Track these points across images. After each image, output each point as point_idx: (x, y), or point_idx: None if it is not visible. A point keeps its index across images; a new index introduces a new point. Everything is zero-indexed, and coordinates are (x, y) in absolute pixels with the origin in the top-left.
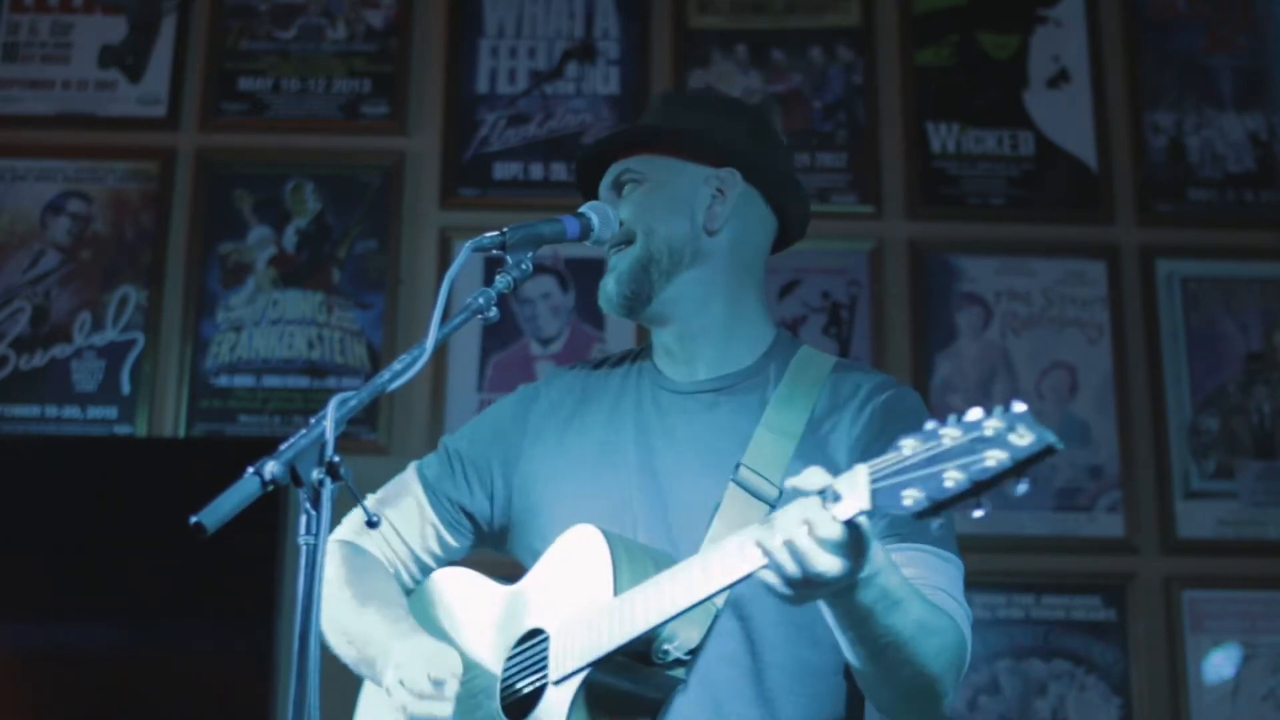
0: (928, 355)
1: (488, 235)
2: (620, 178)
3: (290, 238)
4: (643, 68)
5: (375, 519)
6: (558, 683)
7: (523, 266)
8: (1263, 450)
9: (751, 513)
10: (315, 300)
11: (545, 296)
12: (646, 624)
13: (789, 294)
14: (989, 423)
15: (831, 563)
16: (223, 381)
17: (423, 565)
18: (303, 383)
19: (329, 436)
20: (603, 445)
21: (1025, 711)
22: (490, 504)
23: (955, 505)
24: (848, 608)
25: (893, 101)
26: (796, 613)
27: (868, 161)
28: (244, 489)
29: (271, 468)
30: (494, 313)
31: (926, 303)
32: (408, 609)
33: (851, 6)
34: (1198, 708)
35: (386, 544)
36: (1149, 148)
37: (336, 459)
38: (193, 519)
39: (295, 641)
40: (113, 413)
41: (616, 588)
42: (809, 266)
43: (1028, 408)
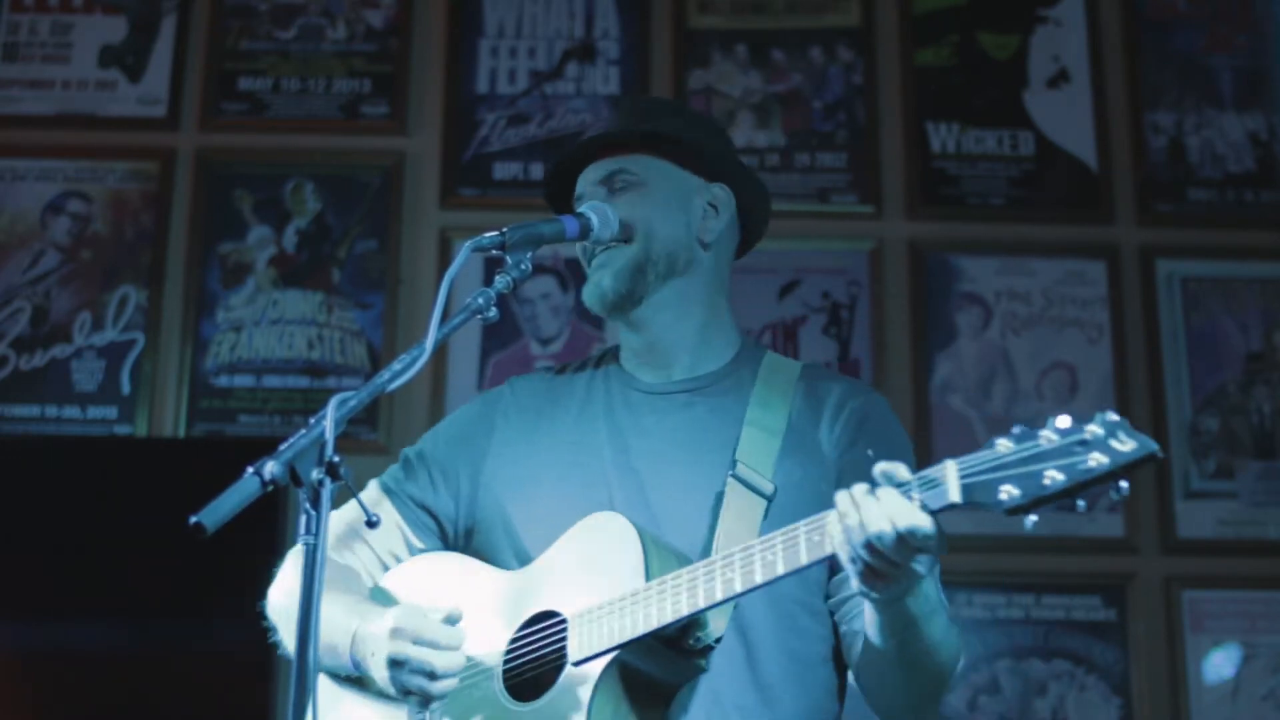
0: (928, 355)
1: (487, 235)
2: (614, 176)
3: (290, 238)
4: (643, 68)
5: (375, 519)
6: (579, 663)
7: (522, 266)
8: (1263, 450)
9: (751, 507)
10: (315, 300)
11: (545, 296)
12: (691, 609)
13: (789, 294)
14: (1090, 427)
15: (913, 554)
16: (223, 381)
17: (388, 569)
18: (303, 383)
19: (328, 436)
20: (575, 446)
21: (1025, 711)
22: (455, 504)
23: (1050, 503)
24: (897, 613)
25: (893, 101)
26: (784, 606)
27: (868, 161)
28: (244, 489)
29: (271, 468)
30: (493, 313)
31: (926, 303)
32: (373, 602)
33: (851, 6)
34: (1198, 708)
35: (351, 551)
36: (1149, 148)
37: (336, 459)
38: (193, 519)
39: (295, 641)
40: (113, 413)
41: (649, 574)
42: (809, 266)
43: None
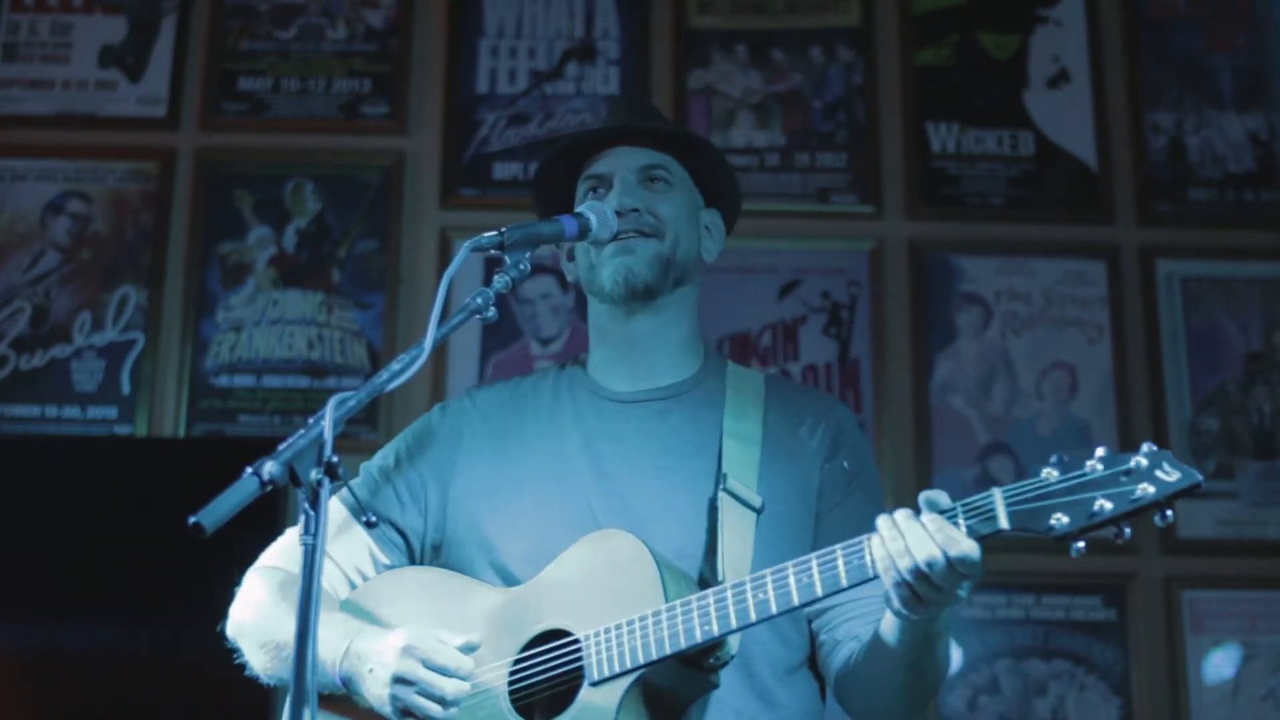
0: (928, 355)
1: (486, 235)
2: (655, 168)
3: (290, 238)
4: (643, 68)
5: (374, 519)
6: (597, 683)
7: (521, 266)
8: (1263, 450)
9: (744, 520)
10: (315, 300)
11: (545, 296)
12: (722, 630)
13: (789, 294)
14: (1136, 458)
15: (960, 580)
16: (223, 381)
17: (354, 586)
18: (303, 383)
19: (327, 436)
20: (547, 455)
21: (1025, 711)
22: (424, 519)
23: (1098, 530)
24: (922, 630)
25: (893, 101)
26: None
27: (868, 161)
28: (243, 489)
29: (270, 468)
30: (492, 312)
31: (926, 303)
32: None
33: (851, 6)
34: (1198, 708)
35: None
36: (1149, 148)
37: (335, 459)
38: (192, 519)
39: (295, 641)
40: (113, 413)
41: (666, 594)
42: (809, 266)
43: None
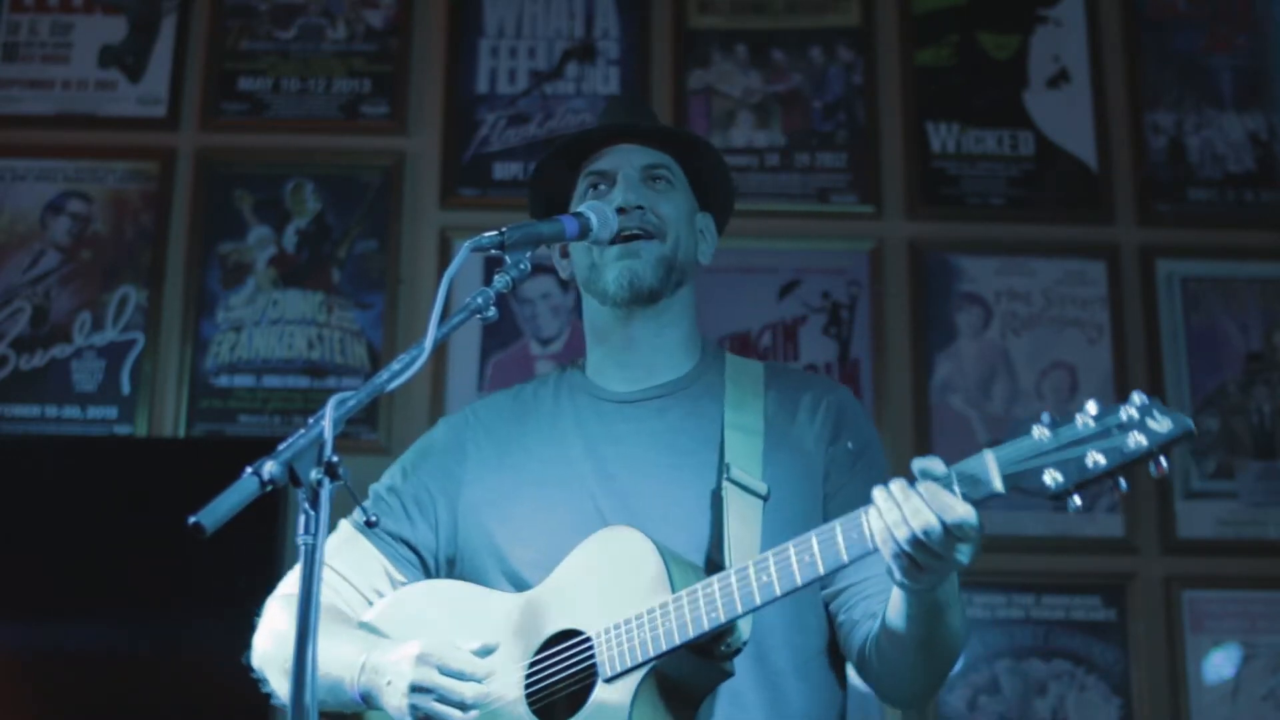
0: (928, 355)
1: (486, 235)
2: (658, 168)
3: (290, 238)
4: (643, 68)
5: (375, 518)
6: (611, 679)
7: (521, 266)
8: (1263, 450)
9: (750, 508)
10: (315, 300)
11: (545, 296)
12: (729, 615)
13: (789, 294)
14: (1125, 409)
15: (960, 546)
16: (223, 381)
17: (371, 605)
18: (303, 383)
19: (327, 436)
20: (551, 461)
21: (1025, 711)
22: (435, 534)
23: (1093, 485)
24: (930, 601)
25: (893, 101)
26: (788, 603)
27: (868, 161)
28: (243, 489)
29: (270, 468)
30: (492, 312)
31: (926, 303)
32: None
33: (851, 6)
34: (1198, 708)
35: (334, 590)
36: (1149, 148)
37: (335, 459)
38: (192, 519)
39: (295, 641)
40: (113, 413)
41: (673, 585)
42: (809, 266)
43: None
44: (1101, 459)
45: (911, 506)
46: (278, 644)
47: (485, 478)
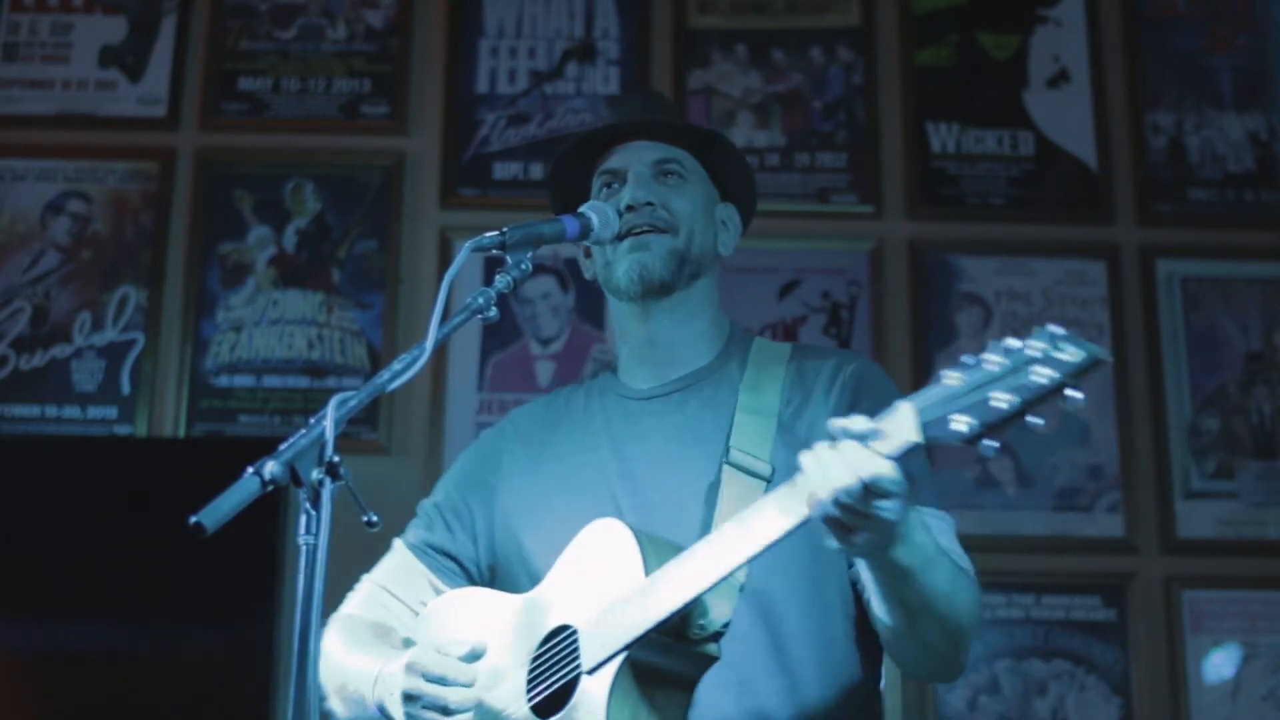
0: (928, 355)
1: (487, 235)
2: (669, 162)
3: (290, 238)
4: (643, 68)
5: (376, 520)
6: (592, 671)
7: (522, 266)
8: (1263, 450)
9: (750, 490)
10: (315, 300)
11: (545, 296)
12: (685, 597)
13: (789, 294)
14: (1032, 343)
15: (881, 503)
16: (223, 381)
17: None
18: (303, 383)
19: (329, 436)
20: (581, 466)
21: (1025, 711)
22: (474, 545)
23: (1007, 427)
24: (889, 566)
25: (893, 101)
26: (806, 583)
27: (868, 161)
28: (244, 489)
29: (271, 468)
30: (493, 312)
31: (926, 303)
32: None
33: (851, 6)
34: (1198, 708)
35: (384, 608)
36: (1149, 148)
37: (336, 459)
38: (192, 519)
39: (295, 641)
40: (113, 413)
41: (647, 569)
42: (809, 266)
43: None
44: (1009, 397)
45: (830, 467)
46: (326, 665)
47: (518, 486)
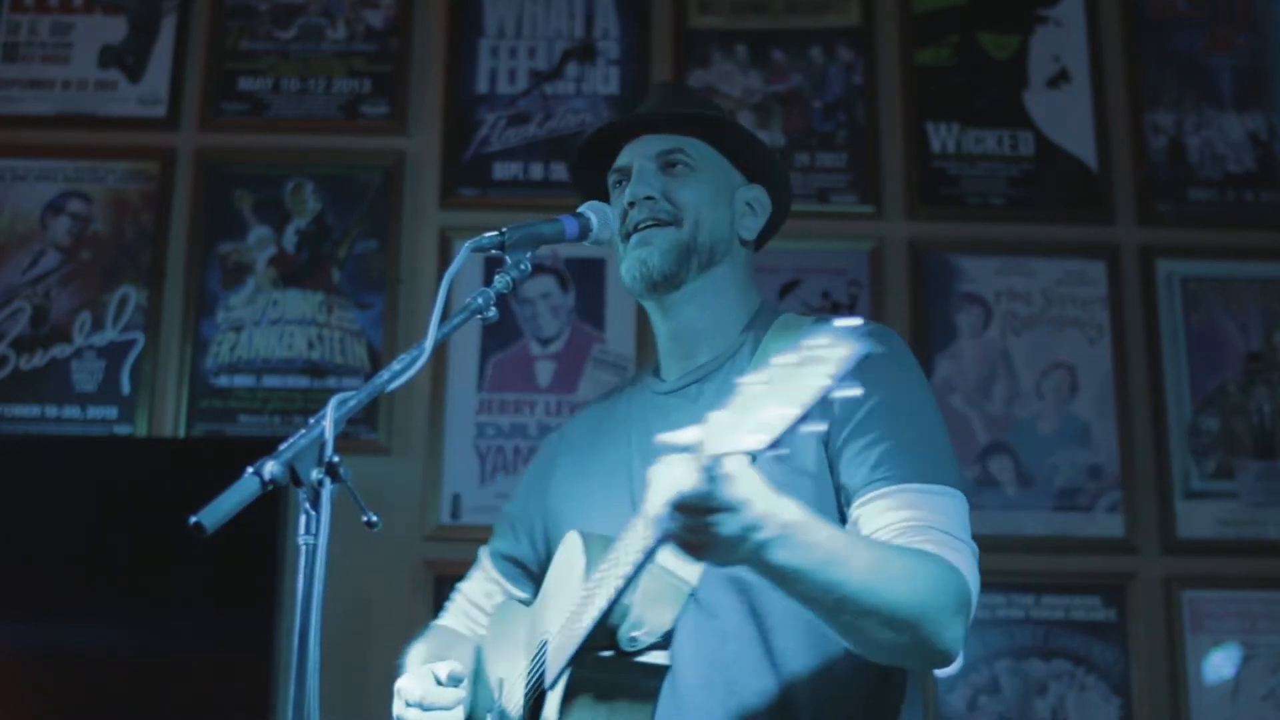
0: (928, 355)
1: (487, 235)
2: (673, 153)
3: (290, 238)
4: (643, 68)
5: (376, 520)
6: (552, 685)
7: (522, 266)
8: (1263, 450)
9: None
10: (315, 300)
11: (545, 296)
12: (593, 618)
13: (789, 294)
14: (810, 343)
15: (714, 516)
16: (223, 381)
17: None
18: (303, 383)
19: (328, 436)
20: (613, 466)
21: (1025, 711)
22: (534, 549)
23: (789, 433)
24: (771, 570)
25: (893, 101)
26: None
27: (868, 161)
28: (244, 489)
29: (271, 468)
30: (493, 312)
31: (926, 303)
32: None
33: (851, 6)
34: (1198, 708)
35: (465, 615)
36: (1149, 148)
37: (336, 459)
38: (193, 519)
39: (295, 641)
40: (113, 413)
41: (588, 577)
42: (809, 266)
43: (848, 323)
44: (792, 411)
45: (657, 485)
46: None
47: (565, 488)
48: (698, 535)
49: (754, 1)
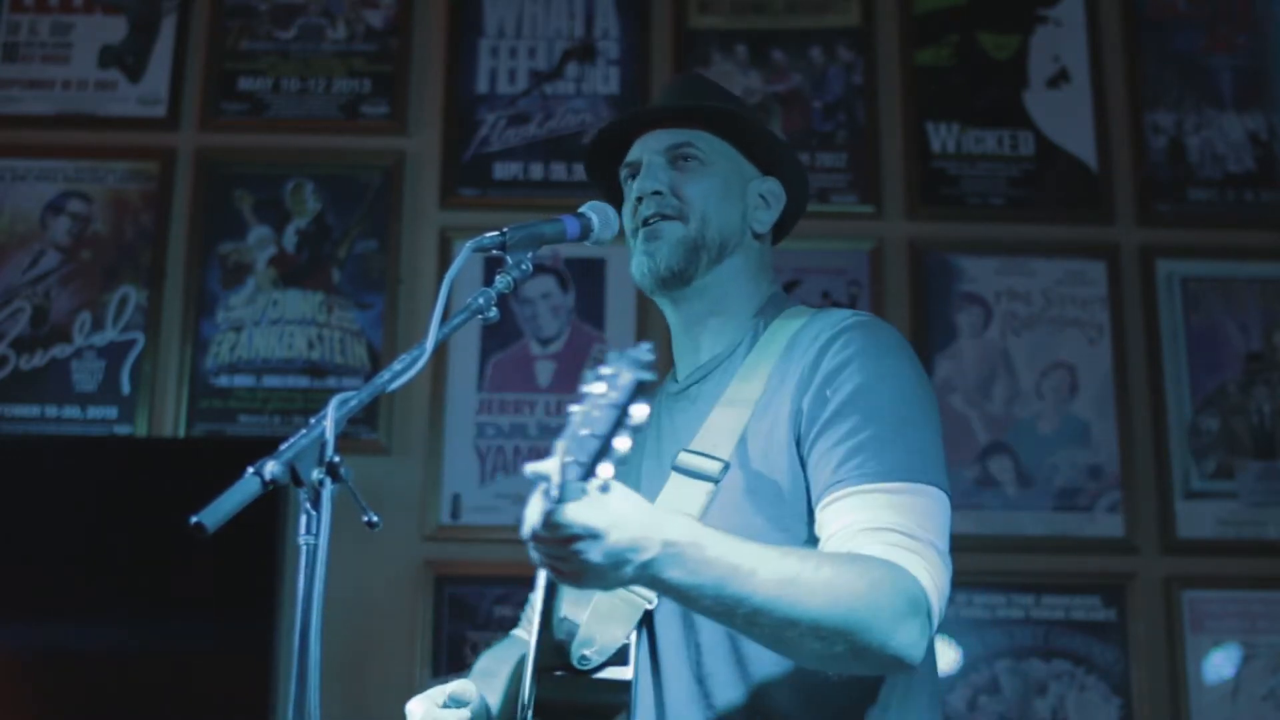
0: (928, 355)
1: (488, 235)
2: (682, 147)
3: (290, 238)
4: (643, 68)
5: (376, 520)
6: (529, 704)
7: (523, 266)
8: (1263, 450)
9: (692, 496)
10: (315, 300)
11: (545, 296)
12: (534, 644)
13: (789, 294)
14: (605, 370)
15: (575, 544)
16: (223, 381)
17: None
18: (303, 383)
19: (329, 436)
20: (625, 473)
21: (1025, 711)
22: None
23: (604, 456)
24: (667, 589)
25: (893, 101)
26: None
27: (868, 161)
28: (244, 489)
29: (271, 468)
30: (494, 313)
31: (926, 303)
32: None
33: (851, 6)
34: (1198, 708)
35: (527, 620)
36: (1149, 148)
37: (337, 459)
38: (193, 519)
39: (295, 641)
40: (113, 413)
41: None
42: (809, 266)
43: (634, 351)
44: (595, 437)
45: (527, 513)
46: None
47: None
48: (565, 564)
49: (754, 1)
